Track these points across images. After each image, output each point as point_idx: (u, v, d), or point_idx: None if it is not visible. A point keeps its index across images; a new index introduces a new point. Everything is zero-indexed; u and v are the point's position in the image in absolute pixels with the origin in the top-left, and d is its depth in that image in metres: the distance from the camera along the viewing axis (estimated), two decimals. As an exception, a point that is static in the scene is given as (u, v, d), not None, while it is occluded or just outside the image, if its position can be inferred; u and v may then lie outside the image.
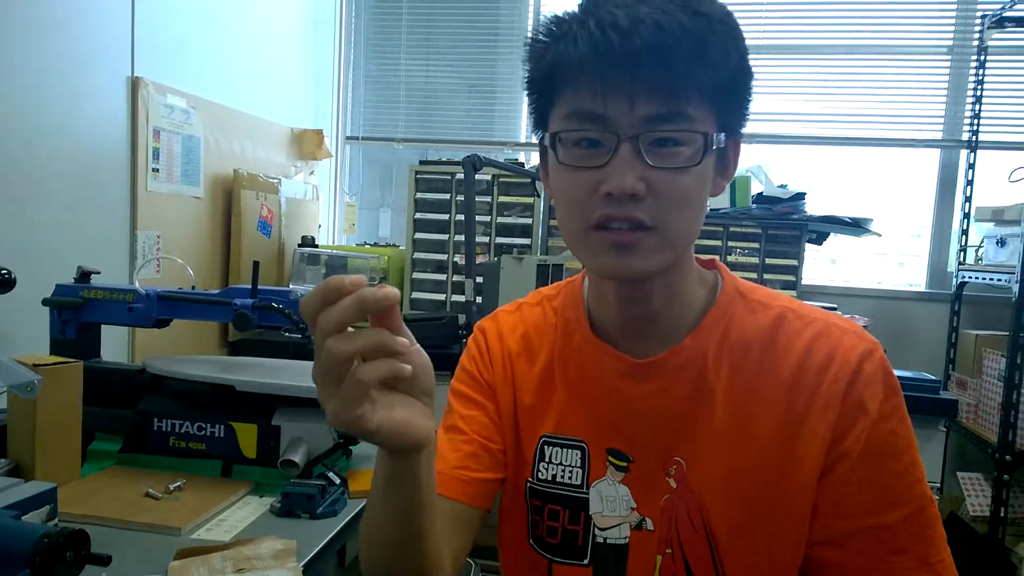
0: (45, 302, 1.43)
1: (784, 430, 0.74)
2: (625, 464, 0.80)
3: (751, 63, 0.71)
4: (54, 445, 1.22)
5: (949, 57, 2.93)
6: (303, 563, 1.03)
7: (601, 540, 0.80)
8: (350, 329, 0.56)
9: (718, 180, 0.74)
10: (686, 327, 0.78)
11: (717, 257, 1.07)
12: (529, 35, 0.72)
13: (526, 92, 0.76)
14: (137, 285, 1.43)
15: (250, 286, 1.41)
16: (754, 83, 0.72)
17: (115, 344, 1.97)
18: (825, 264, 3.14)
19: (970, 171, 2.88)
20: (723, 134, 0.70)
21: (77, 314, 1.43)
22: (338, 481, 1.27)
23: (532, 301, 0.92)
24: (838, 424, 0.73)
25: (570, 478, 0.83)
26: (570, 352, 0.85)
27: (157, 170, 2.11)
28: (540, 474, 0.84)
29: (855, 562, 0.73)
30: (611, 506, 0.81)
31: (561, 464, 0.83)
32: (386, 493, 0.66)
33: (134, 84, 2.01)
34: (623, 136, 0.67)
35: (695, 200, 0.69)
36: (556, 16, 0.70)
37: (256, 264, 1.42)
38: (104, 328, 1.50)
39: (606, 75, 0.65)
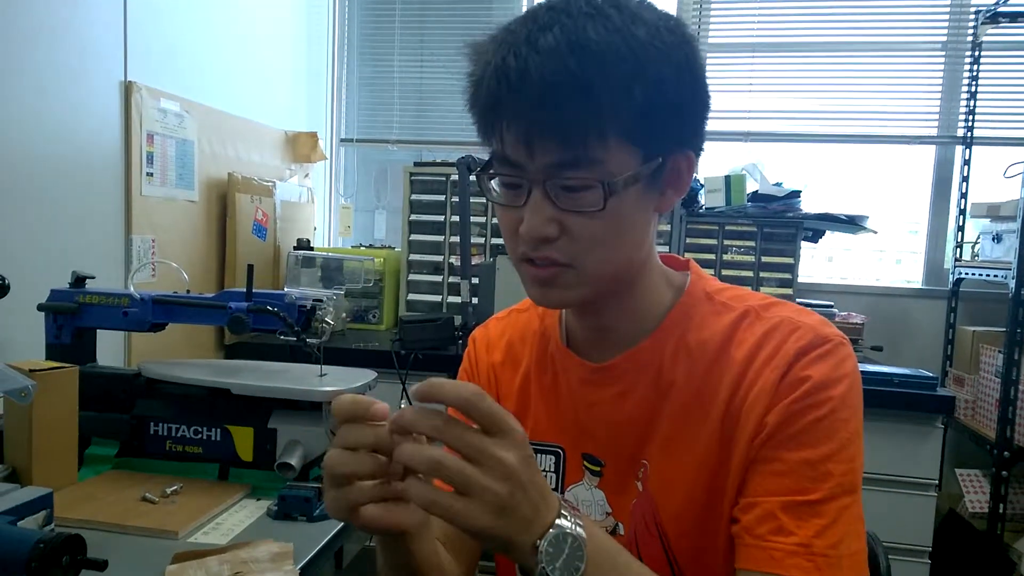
0: (40, 307, 1.43)
1: (723, 428, 0.74)
2: (598, 469, 0.82)
3: (707, 66, 0.72)
4: (51, 450, 1.21)
5: (943, 53, 2.94)
6: (300, 565, 1.03)
7: None
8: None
9: (667, 196, 0.74)
10: (646, 331, 0.79)
11: (712, 257, 1.06)
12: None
13: None
14: (132, 289, 1.43)
15: (245, 290, 1.40)
16: (709, 87, 0.72)
17: (111, 349, 1.97)
18: (823, 262, 3.14)
19: (965, 167, 2.88)
20: (657, 159, 0.69)
21: (72, 319, 1.43)
22: (335, 483, 1.26)
23: (522, 307, 0.96)
24: (766, 410, 0.71)
25: None
26: (545, 359, 0.87)
27: (151, 174, 2.11)
28: None
29: (742, 538, 0.71)
30: (586, 510, 0.82)
31: None
32: (382, 551, 0.72)
33: (127, 88, 2.00)
34: (532, 182, 0.68)
35: (612, 236, 0.70)
36: (476, 49, 0.70)
37: (251, 268, 1.42)
38: (100, 333, 1.50)
39: (506, 126, 0.68)
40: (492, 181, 0.74)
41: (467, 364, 0.95)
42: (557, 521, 0.59)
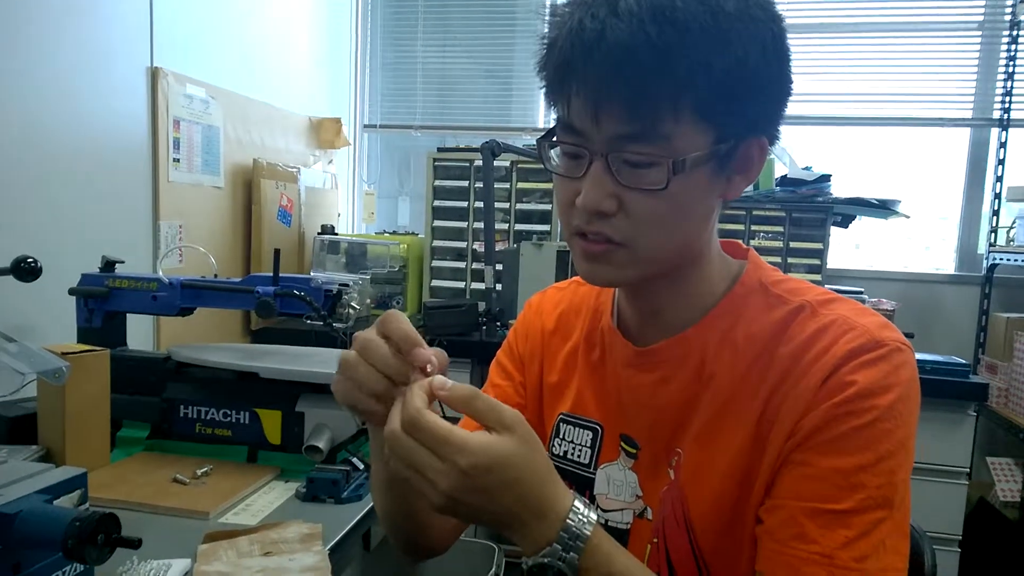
0: (71, 291, 1.44)
1: (759, 428, 0.71)
2: (634, 451, 0.81)
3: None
4: (83, 432, 1.23)
5: (979, 33, 2.86)
6: (329, 547, 1.03)
7: (603, 521, 0.81)
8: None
9: (734, 182, 0.71)
10: (694, 319, 0.77)
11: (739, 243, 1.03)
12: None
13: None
14: (161, 274, 1.44)
15: (271, 274, 1.41)
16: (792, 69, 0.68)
17: (140, 333, 1.99)
18: (850, 248, 3.09)
19: (1001, 150, 2.82)
20: (729, 142, 0.66)
21: (103, 303, 1.44)
22: (362, 466, 1.27)
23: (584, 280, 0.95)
24: (803, 412, 0.67)
25: (579, 457, 0.85)
26: (595, 335, 0.87)
27: (178, 160, 2.12)
28: (554, 449, 0.87)
29: (764, 540, 0.68)
30: (617, 490, 0.82)
31: (572, 442, 0.86)
32: (374, 443, 0.77)
33: (154, 74, 2.02)
34: (594, 153, 0.66)
35: (671, 218, 0.68)
36: (554, 11, 0.68)
37: (277, 252, 1.42)
38: (129, 317, 1.52)
39: (574, 91, 0.65)
40: (553, 150, 0.72)
41: (518, 325, 0.97)
42: (547, 549, 0.60)
